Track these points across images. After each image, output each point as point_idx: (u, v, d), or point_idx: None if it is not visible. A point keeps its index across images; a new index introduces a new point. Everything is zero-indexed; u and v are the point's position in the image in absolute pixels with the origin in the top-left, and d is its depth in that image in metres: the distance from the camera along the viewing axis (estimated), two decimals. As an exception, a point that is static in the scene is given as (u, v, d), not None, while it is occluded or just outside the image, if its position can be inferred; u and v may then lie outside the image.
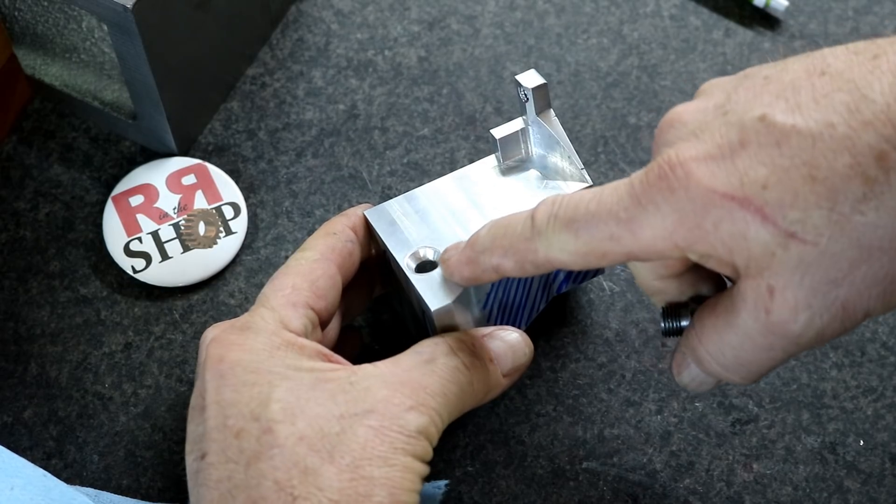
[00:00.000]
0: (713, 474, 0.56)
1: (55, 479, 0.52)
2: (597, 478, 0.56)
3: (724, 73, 0.65)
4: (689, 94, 0.65)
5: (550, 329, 0.59)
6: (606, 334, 0.59)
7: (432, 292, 0.50)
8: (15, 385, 0.58)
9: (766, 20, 0.67)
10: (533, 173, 0.54)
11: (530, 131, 0.54)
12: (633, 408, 0.57)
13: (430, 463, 0.46)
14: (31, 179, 0.63)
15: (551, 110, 0.54)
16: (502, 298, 0.53)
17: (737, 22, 0.67)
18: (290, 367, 0.46)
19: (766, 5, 0.66)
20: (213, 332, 0.48)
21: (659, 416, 0.57)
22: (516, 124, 0.54)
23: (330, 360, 0.47)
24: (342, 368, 0.47)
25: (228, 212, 0.61)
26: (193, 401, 0.47)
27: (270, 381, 0.45)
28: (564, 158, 0.53)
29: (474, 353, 0.49)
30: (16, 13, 0.61)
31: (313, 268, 0.50)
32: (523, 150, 0.54)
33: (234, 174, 0.63)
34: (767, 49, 0.66)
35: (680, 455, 0.57)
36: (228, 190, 0.62)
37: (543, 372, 0.58)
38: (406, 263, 0.51)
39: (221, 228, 0.61)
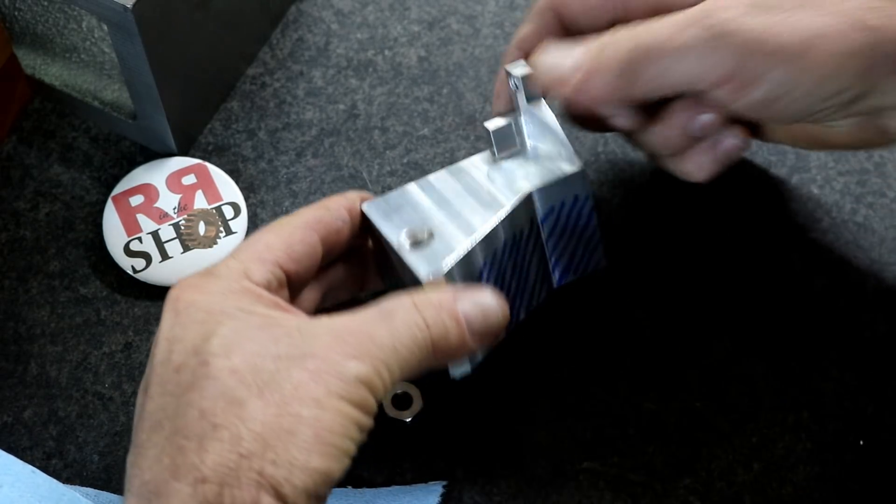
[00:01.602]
0: (713, 474, 0.56)
1: (44, 475, 0.52)
2: (597, 478, 0.56)
3: (724, 72, 0.65)
4: (689, 94, 0.65)
5: (551, 329, 0.59)
6: (607, 334, 0.59)
7: (425, 263, 0.50)
8: (15, 385, 0.58)
9: (766, 20, 0.67)
10: (527, 162, 0.54)
11: (522, 122, 0.54)
12: (633, 408, 0.57)
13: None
14: (31, 179, 0.63)
15: (542, 99, 0.54)
16: (495, 284, 0.53)
17: (737, 22, 0.67)
18: (241, 310, 0.46)
19: None
20: (181, 280, 0.49)
21: (659, 416, 0.57)
22: (509, 116, 0.54)
23: (287, 312, 0.47)
24: (295, 318, 0.47)
25: (228, 212, 0.61)
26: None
27: (218, 320, 0.46)
28: (557, 145, 0.53)
29: (440, 312, 0.48)
30: (16, 13, 0.61)
31: (293, 232, 0.50)
32: (517, 142, 0.54)
33: (234, 174, 0.63)
34: (767, 49, 0.66)
35: (680, 455, 0.57)
36: (228, 190, 0.62)
37: (543, 372, 0.58)
38: (400, 242, 0.51)
39: (221, 228, 0.61)
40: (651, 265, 0.60)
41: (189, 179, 0.62)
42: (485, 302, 0.49)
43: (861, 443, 0.57)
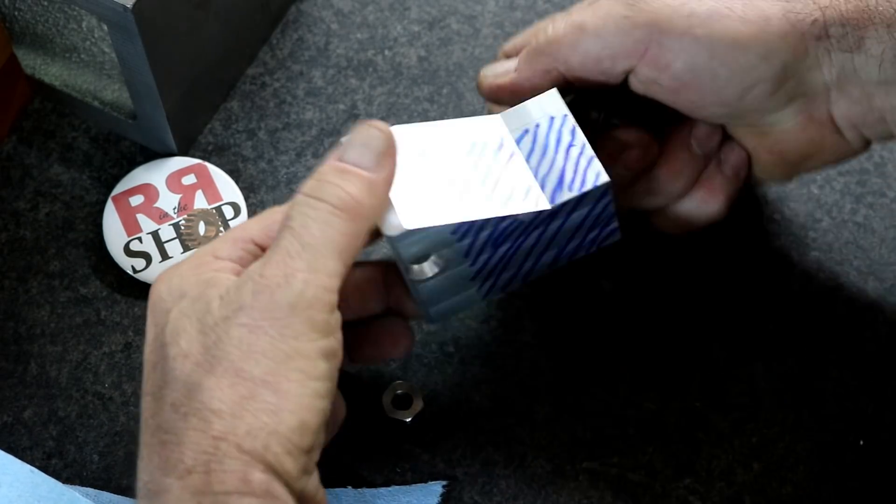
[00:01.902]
0: (713, 474, 0.56)
1: (43, 474, 0.52)
2: (597, 478, 0.56)
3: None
4: (689, 94, 0.65)
5: (551, 329, 0.59)
6: (606, 334, 0.59)
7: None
8: (15, 385, 0.58)
9: (766, 20, 0.67)
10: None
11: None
12: (633, 408, 0.57)
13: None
14: (31, 179, 0.63)
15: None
16: (487, 245, 0.51)
17: (737, 22, 0.67)
18: (190, 285, 0.45)
19: None
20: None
21: (659, 416, 0.57)
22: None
23: (233, 272, 0.46)
24: (236, 273, 0.46)
25: (228, 212, 0.61)
26: None
27: (168, 307, 0.45)
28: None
29: (324, 180, 0.46)
30: (16, 13, 0.61)
31: (273, 213, 0.49)
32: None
33: (234, 174, 0.63)
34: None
35: (680, 455, 0.57)
36: (228, 190, 0.62)
37: (543, 372, 0.58)
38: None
39: (221, 228, 0.61)
40: (651, 265, 0.60)
41: (189, 179, 0.62)
42: (358, 135, 0.47)
43: (861, 443, 0.57)
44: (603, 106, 0.55)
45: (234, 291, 0.44)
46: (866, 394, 0.58)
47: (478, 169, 0.51)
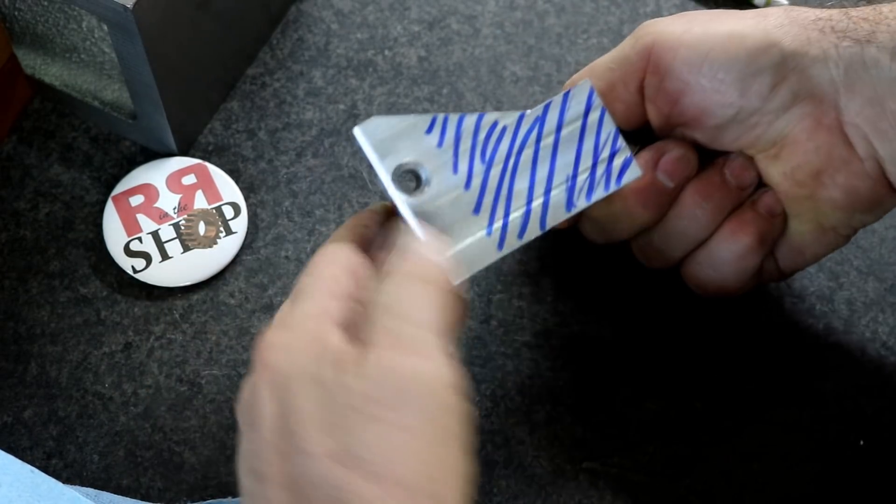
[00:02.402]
0: (713, 474, 0.56)
1: (43, 474, 0.52)
2: (597, 478, 0.56)
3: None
4: (689, 94, 0.65)
5: (551, 329, 0.59)
6: (606, 334, 0.59)
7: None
8: (15, 385, 0.58)
9: (766, 20, 0.67)
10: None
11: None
12: (633, 408, 0.57)
13: None
14: (31, 179, 0.63)
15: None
16: (485, 170, 0.49)
17: (737, 22, 0.67)
18: (311, 368, 0.42)
19: (767, 5, 0.66)
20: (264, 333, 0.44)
21: (659, 416, 0.57)
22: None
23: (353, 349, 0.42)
24: (354, 362, 0.42)
25: (228, 212, 0.61)
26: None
27: (294, 390, 0.42)
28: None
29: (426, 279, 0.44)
30: (16, 13, 0.61)
31: (349, 257, 0.45)
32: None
33: (234, 174, 0.63)
34: (767, 49, 0.66)
35: (680, 455, 0.57)
36: (228, 190, 0.62)
37: (543, 372, 0.58)
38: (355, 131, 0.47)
39: (221, 228, 0.61)
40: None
41: (189, 179, 0.62)
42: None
43: (861, 443, 0.57)
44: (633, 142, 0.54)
45: (378, 383, 0.41)
46: (866, 394, 0.58)
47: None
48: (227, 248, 0.61)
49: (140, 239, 0.61)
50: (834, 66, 0.49)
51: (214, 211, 0.61)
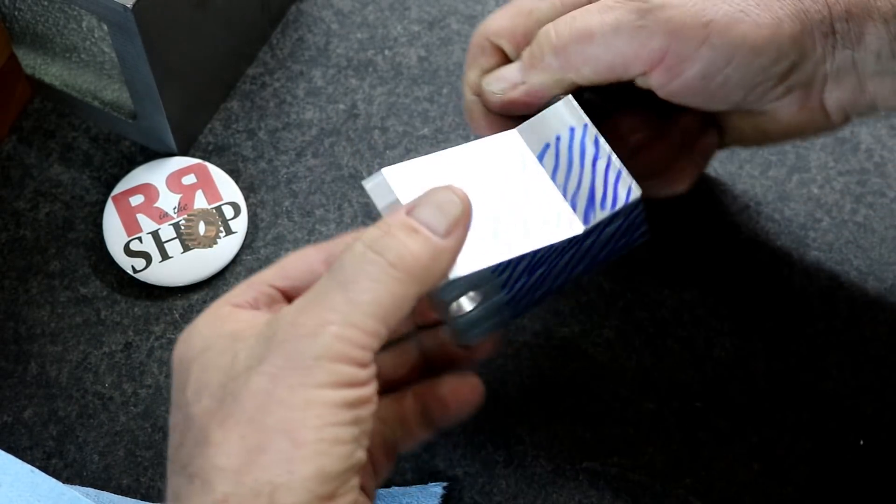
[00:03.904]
0: (713, 474, 0.56)
1: (44, 474, 0.52)
2: (597, 478, 0.56)
3: (724, 72, 0.65)
4: (689, 94, 0.65)
5: (550, 329, 0.59)
6: (606, 334, 0.59)
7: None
8: (15, 385, 0.58)
9: (767, 20, 0.67)
10: None
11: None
12: (633, 408, 0.57)
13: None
14: (31, 179, 0.63)
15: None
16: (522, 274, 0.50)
17: (737, 22, 0.67)
18: (213, 339, 0.43)
19: None
20: None
21: (659, 416, 0.57)
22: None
23: (258, 316, 0.44)
24: (263, 320, 0.43)
25: (228, 211, 0.61)
26: None
27: (188, 366, 0.43)
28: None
29: (388, 233, 0.43)
30: (16, 13, 0.61)
31: (288, 256, 0.47)
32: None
33: (234, 174, 0.63)
34: (767, 49, 0.66)
35: (680, 455, 0.57)
36: (228, 190, 0.62)
37: (543, 372, 0.58)
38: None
39: (221, 228, 0.61)
40: (651, 265, 0.60)
41: (189, 179, 0.62)
42: (436, 197, 0.45)
43: (861, 443, 0.57)
44: (596, 90, 0.54)
45: (261, 340, 0.42)
46: (866, 394, 0.58)
47: (505, 199, 0.49)
48: (227, 247, 0.61)
49: (140, 239, 0.61)
50: (830, 65, 0.50)
51: (214, 211, 0.61)
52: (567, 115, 0.50)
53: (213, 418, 0.41)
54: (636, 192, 0.49)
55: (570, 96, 0.51)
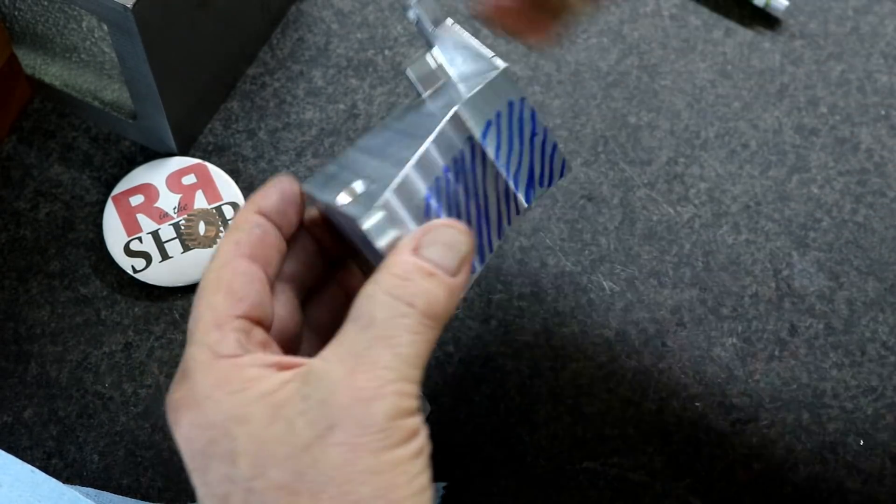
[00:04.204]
0: (713, 474, 0.56)
1: (44, 474, 0.52)
2: (597, 478, 0.56)
3: (724, 72, 0.65)
4: (689, 94, 0.65)
5: (550, 329, 0.59)
6: (606, 334, 0.59)
7: (361, 206, 0.46)
8: (15, 385, 0.58)
9: (766, 20, 0.67)
10: (454, 88, 0.51)
11: (437, 51, 0.51)
12: (633, 408, 0.58)
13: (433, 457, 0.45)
14: (31, 179, 0.63)
15: (448, 20, 0.51)
16: (448, 214, 0.48)
17: (737, 21, 0.67)
18: (238, 405, 0.43)
19: (767, 5, 0.66)
20: (168, 398, 0.45)
21: (659, 416, 0.57)
22: (424, 53, 0.51)
23: (281, 368, 0.44)
24: (293, 378, 0.43)
25: (229, 211, 0.61)
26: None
27: (227, 431, 0.42)
28: (478, 60, 0.51)
29: (411, 281, 0.43)
30: (16, 13, 0.61)
31: (220, 275, 0.46)
32: (440, 74, 0.51)
33: (235, 174, 0.63)
34: (767, 49, 0.66)
35: (680, 455, 0.57)
36: (228, 189, 0.62)
37: (543, 372, 0.58)
38: (337, 201, 0.47)
39: (222, 228, 0.61)
40: (652, 265, 0.60)
41: (189, 179, 0.62)
42: (444, 236, 0.45)
43: (861, 443, 0.57)
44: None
45: (316, 406, 0.42)
46: (866, 394, 0.58)
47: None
48: (227, 248, 0.61)
49: (140, 239, 0.61)
50: None
51: (214, 211, 0.61)
52: (506, 87, 0.49)
53: (295, 494, 0.41)
54: (568, 167, 0.50)
55: (506, 66, 0.50)
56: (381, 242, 0.45)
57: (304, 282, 0.50)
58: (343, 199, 0.46)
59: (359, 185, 0.47)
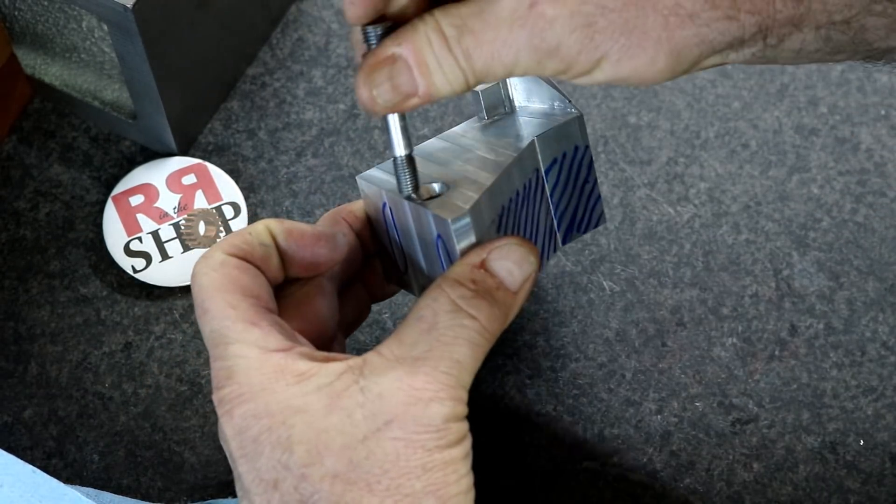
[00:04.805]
0: (713, 474, 0.56)
1: (45, 474, 0.52)
2: (597, 478, 0.56)
3: (724, 72, 0.65)
4: (689, 94, 0.65)
5: (550, 329, 0.59)
6: (606, 334, 0.59)
7: (448, 210, 0.46)
8: (15, 385, 0.58)
9: (767, 20, 0.67)
10: (519, 119, 0.52)
11: (510, 82, 0.52)
12: (633, 408, 0.57)
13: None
14: (31, 179, 0.63)
15: None
16: (514, 223, 0.50)
17: (737, 22, 0.67)
18: (296, 395, 0.44)
19: None
20: (216, 396, 0.45)
21: (659, 416, 0.57)
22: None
23: (326, 360, 0.45)
24: (347, 370, 0.44)
25: (228, 211, 0.61)
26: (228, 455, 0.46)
27: (284, 420, 0.43)
28: (549, 99, 0.52)
29: (477, 292, 0.45)
30: (16, 13, 0.61)
31: (224, 274, 0.47)
32: (506, 103, 0.53)
33: (234, 174, 0.63)
34: (767, 49, 0.66)
35: (680, 455, 0.57)
36: (228, 190, 0.62)
37: (543, 372, 0.58)
38: (413, 198, 0.48)
39: (222, 228, 0.61)
40: (652, 265, 0.60)
41: (189, 179, 0.62)
42: (514, 254, 0.46)
43: (861, 443, 0.57)
44: None
45: (374, 399, 0.43)
46: (866, 394, 0.58)
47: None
48: (227, 248, 0.61)
49: (140, 239, 0.61)
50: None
51: (214, 211, 0.61)
52: (577, 132, 0.51)
53: (351, 484, 0.43)
54: (604, 219, 0.52)
55: (581, 113, 0.51)
56: (461, 245, 0.46)
57: (342, 279, 0.52)
58: (418, 197, 0.48)
59: (436, 187, 0.48)
